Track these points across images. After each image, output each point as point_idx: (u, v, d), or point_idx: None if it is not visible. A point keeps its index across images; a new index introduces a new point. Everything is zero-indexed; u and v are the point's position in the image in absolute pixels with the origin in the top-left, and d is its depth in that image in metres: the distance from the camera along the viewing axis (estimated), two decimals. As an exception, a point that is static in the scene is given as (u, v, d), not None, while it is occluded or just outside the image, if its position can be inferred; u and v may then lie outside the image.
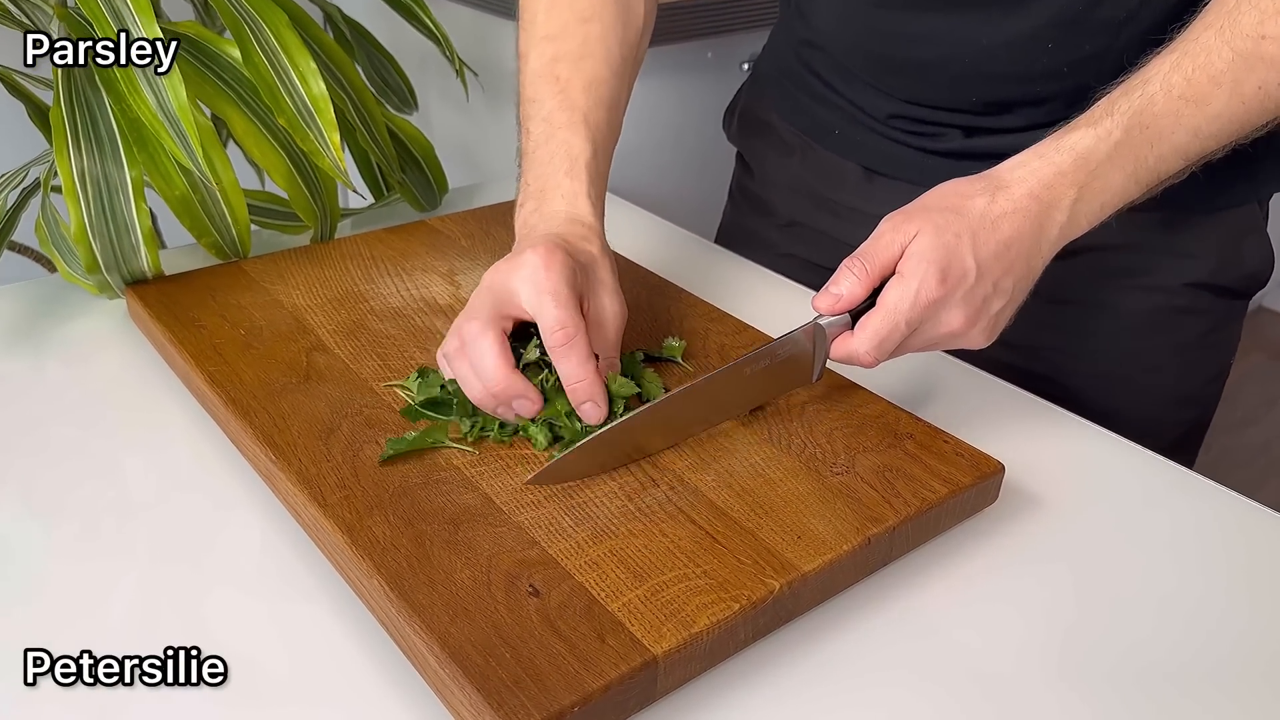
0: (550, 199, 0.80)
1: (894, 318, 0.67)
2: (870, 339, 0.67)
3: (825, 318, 0.71)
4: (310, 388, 0.79)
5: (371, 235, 1.03)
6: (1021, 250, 0.69)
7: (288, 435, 0.73)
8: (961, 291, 0.67)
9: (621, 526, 0.66)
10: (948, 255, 0.67)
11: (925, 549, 0.71)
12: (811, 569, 0.63)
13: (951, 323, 0.68)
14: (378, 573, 0.61)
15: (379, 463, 0.69)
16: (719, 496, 0.68)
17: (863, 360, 0.68)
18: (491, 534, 0.65)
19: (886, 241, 0.68)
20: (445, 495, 0.68)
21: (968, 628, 0.65)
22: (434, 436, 0.71)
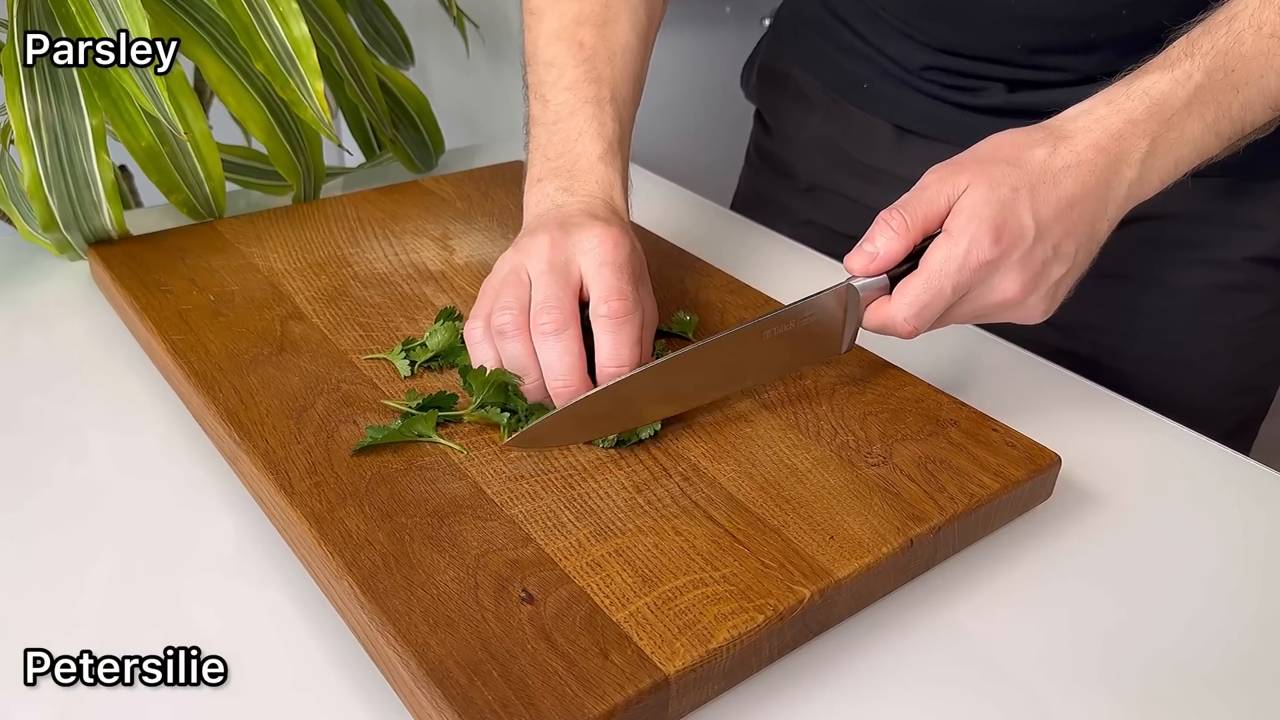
0: (583, 181, 0.72)
1: (939, 281, 0.59)
2: (911, 305, 0.60)
3: (859, 279, 0.63)
4: (283, 360, 0.70)
5: (358, 195, 0.95)
6: (1085, 210, 0.61)
7: (254, 413, 0.65)
8: (1018, 254, 0.60)
9: (629, 523, 0.57)
10: (1003, 212, 0.59)
11: (971, 551, 0.63)
12: (846, 575, 0.55)
13: (1006, 289, 0.61)
14: (348, 572, 0.53)
15: (351, 453, 0.61)
16: (740, 489, 0.60)
17: (900, 329, 0.61)
18: (480, 529, 0.57)
19: (932, 194, 0.60)
20: (429, 484, 0.60)
21: (1020, 641, 0.57)
22: (418, 428, 0.62)
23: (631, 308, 0.62)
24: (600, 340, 0.62)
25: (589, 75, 0.75)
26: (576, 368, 0.62)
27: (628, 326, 0.62)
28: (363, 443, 0.61)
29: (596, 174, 0.72)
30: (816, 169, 1.00)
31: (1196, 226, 0.86)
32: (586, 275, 0.63)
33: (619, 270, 0.63)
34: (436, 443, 0.63)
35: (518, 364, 0.64)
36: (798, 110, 1.00)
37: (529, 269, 0.64)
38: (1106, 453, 0.72)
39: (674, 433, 0.65)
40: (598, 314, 0.62)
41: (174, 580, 0.58)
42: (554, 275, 0.63)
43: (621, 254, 0.64)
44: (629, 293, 0.62)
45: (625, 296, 0.62)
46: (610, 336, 0.62)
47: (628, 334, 0.62)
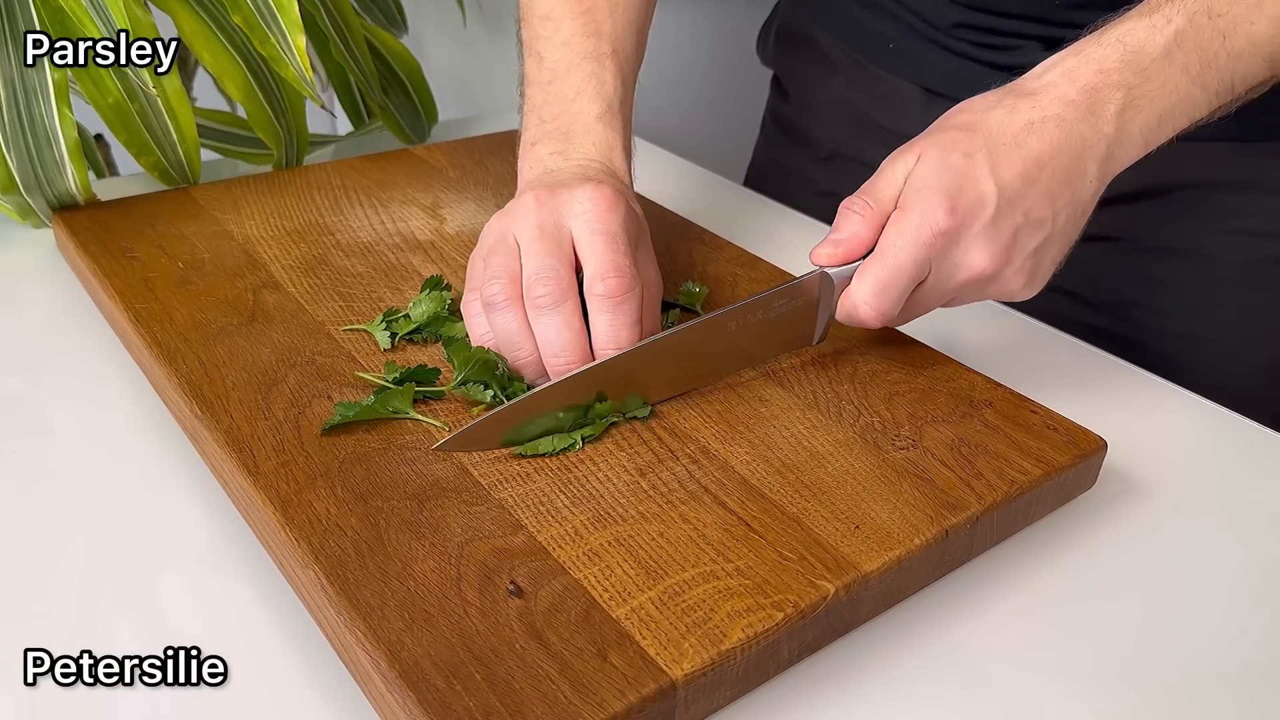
0: (579, 143, 0.66)
1: (894, 259, 0.55)
2: (870, 288, 0.56)
3: (832, 268, 0.58)
4: (255, 331, 0.64)
5: (344, 163, 0.89)
6: (1058, 170, 0.56)
7: (220, 386, 0.59)
8: (980, 223, 0.55)
9: (631, 509, 0.52)
10: (956, 179, 0.54)
11: (1010, 544, 0.57)
12: (875, 569, 0.49)
13: (973, 264, 0.56)
14: (315, 561, 0.47)
15: (320, 433, 0.55)
16: (755, 473, 0.54)
17: (863, 313, 0.57)
18: (465, 514, 0.51)
19: (889, 175, 0.57)
20: (409, 464, 0.54)
21: (1065, 643, 0.51)
22: (393, 404, 0.56)
23: (630, 284, 0.56)
24: (596, 321, 0.56)
25: (587, 29, 0.69)
26: (577, 343, 0.56)
27: (626, 305, 0.56)
28: (332, 420, 0.55)
29: (594, 135, 0.66)
30: (838, 136, 0.94)
31: (1241, 195, 0.80)
32: (579, 244, 0.58)
33: (614, 240, 0.57)
34: (417, 420, 0.57)
35: (510, 337, 0.58)
36: (818, 74, 0.94)
37: (517, 235, 0.59)
38: (1149, 438, 0.66)
39: (681, 412, 0.59)
40: (593, 292, 0.56)
41: (139, 572, 0.52)
42: (545, 242, 0.57)
43: (615, 219, 0.58)
44: (626, 268, 0.56)
45: (623, 272, 0.56)
46: (607, 317, 0.56)
47: (626, 314, 0.56)
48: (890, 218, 0.56)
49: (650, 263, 0.63)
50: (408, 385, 0.57)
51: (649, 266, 0.62)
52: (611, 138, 0.67)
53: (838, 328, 0.67)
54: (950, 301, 0.60)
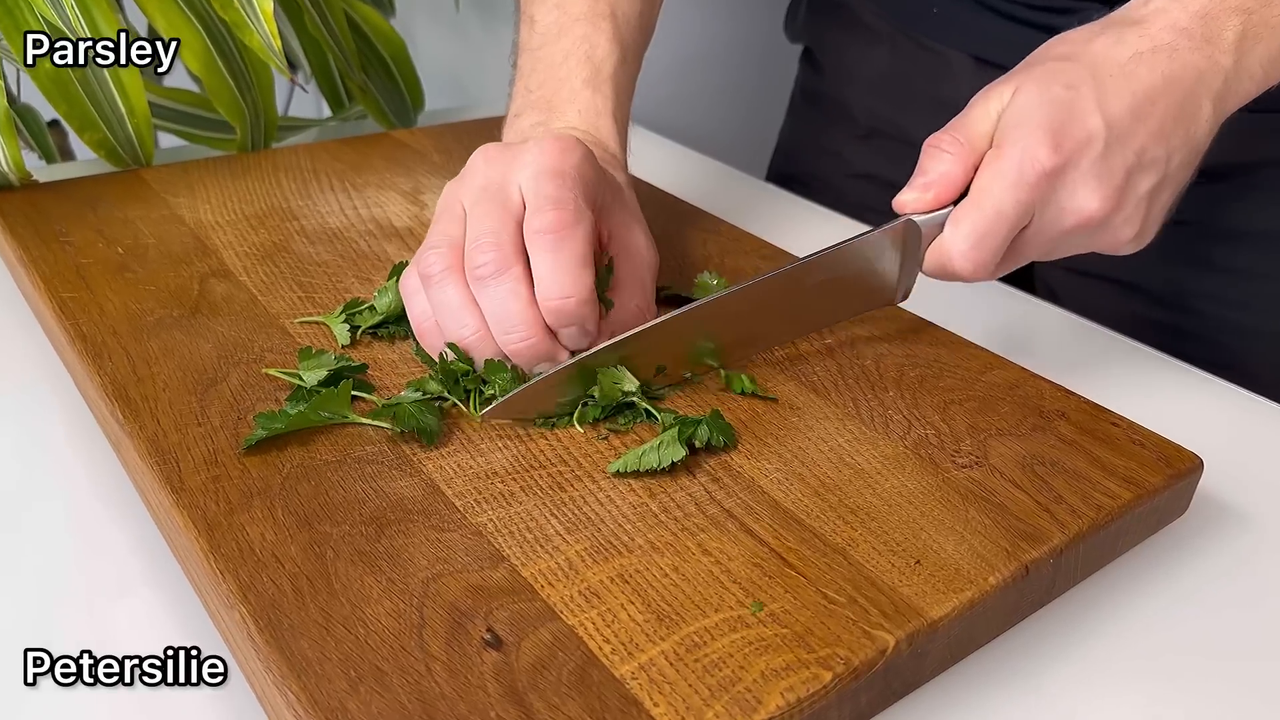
0: (562, 112, 0.60)
1: (995, 202, 0.48)
2: (967, 236, 0.49)
3: (920, 215, 0.51)
4: (196, 324, 0.55)
5: (316, 146, 0.80)
6: (1171, 106, 0.49)
7: (148, 386, 0.49)
8: (1088, 161, 0.49)
9: (639, 537, 0.42)
10: (1059, 112, 0.48)
11: (1093, 582, 0.47)
12: (943, 615, 0.39)
13: (1083, 205, 0.49)
14: (243, 600, 0.38)
15: (241, 451, 0.45)
16: (788, 495, 0.45)
17: (959, 266, 0.50)
18: (433, 543, 0.41)
19: (979, 112, 0.51)
20: (368, 480, 0.44)
21: (1168, 699, 0.41)
22: (330, 408, 0.47)
23: (571, 217, 0.48)
24: (536, 265, 0.48)
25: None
26: (528, 314, 0.48)
27: (568, 242, 0.48)
28: (251, 438, 0.45)
29: (579, 102, 0.59)
30: (878, 110, 0.84)
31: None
32: (525, 194, 0.50)
33: (559, 177, 0.49)
34: (362, 425, 0.47)
35: (450, 313, 0.50)
36: (857, 43, 0.85)
37: (462, 198, 0.52)
38: (1241, 457, 0.56)
39: (698, 420, 0.49)
40: (530, 229, 0.49)
41: (53, 605, 0.43)
42: (488, 203, 0.50)
43: (567, 160, 0.50)
44: (569, 200, 0.49)
45: (563, 204, 0.48)
46: (547, 256, 0.48)
47: (569, 251, 0.48)
48: (985, 158, 0.49)
49: (640, 231, 0.55)
50: (344, 385, 0.47)
51: (640, 235, 0.55)
52: (599, 103, 0.59)
53: (858, 322, 0.58)
54: (1049, 253, 0.52)
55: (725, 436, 0.47)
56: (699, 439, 0.46)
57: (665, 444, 0.45)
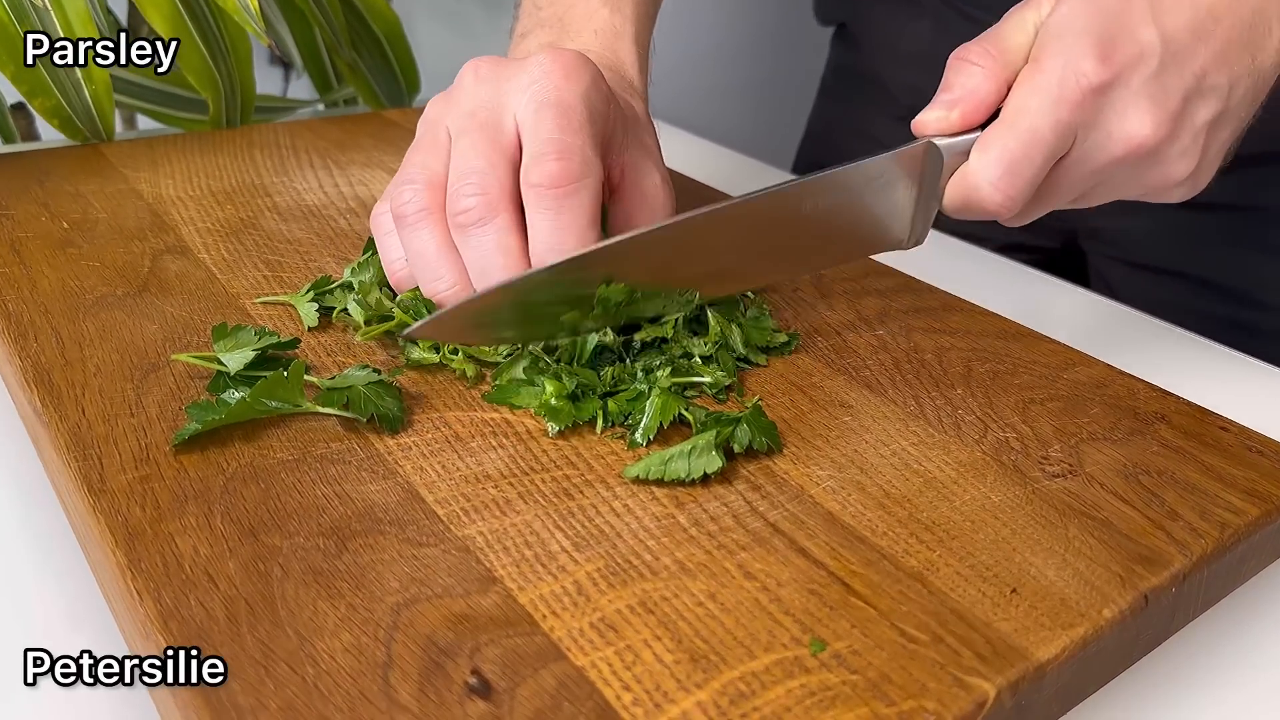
0: (577, 32, 0.53)
1: (1030, 123, 0.41)
2: (997, 162, 0.42)
3: (941, 138, 0.43)
4: (143, 303, 0.47)
5: (298, 124, 0.72)
6: (1235, 26, 0.43)
7: (77, 371, 0.41)
8: (1139, 79, 0.42)
9: (665, 556, 0.34)
10: (1107, 22, 0.41)
11: (1212, 616, 0.39)
12: (1052, 656, 0.31)
13: (1131, 131, 0.42)
14: (161, 629, 0.30)
15: (173, 448, 0.37)
16: (847, 507, 0.36)
17: (987, 199, 0.42)
18: (408, 560, 0.33)
19: (1015, 23, 0.44)
20: (331, 483, 0.36)
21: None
22: (279, 395, 0.39)
23: (579, 170, 0.41)
24: (534, 222, 0.42)
25: None
26: (519, 269, 0.41)
27: (573, 200, 0.41)
28: (182, 433, 0.37)
29: (596, 22, 0.52)
30: (920, 87, 0.76)
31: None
32: (522, 125, 0.43)
33: (565, 113, 0.42)
34: (320, 414, 0.39)
35: (425, 263, 0.43)
36: (897, 17, 0.77)
37: (448, 123, 0.45)
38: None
39: (732, 418, 0.41)
40: (527, 181, 0.42)
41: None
42: (477, 133, 0.43)
43: (573, 87, 0.43)
44: (576, 147, 0.41)
45: (569, 152, 0.41)
46: (547, 216, 0.41)
47: (574, 212, 0.41)
48: (1023, 73, 0.42)
49: (656, 169, 0.48)
50: (295, 367, 0.39)
51: (655, 173, 0.48)
52: (618, 24, 0.52)
53: (913, 312, 0.50)
54: (1090, 193, 0.44)
55: (769, 438, 0.39)
56: (738, 443, 0.38)
57: (698, 450, 0.37)
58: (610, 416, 0.40)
